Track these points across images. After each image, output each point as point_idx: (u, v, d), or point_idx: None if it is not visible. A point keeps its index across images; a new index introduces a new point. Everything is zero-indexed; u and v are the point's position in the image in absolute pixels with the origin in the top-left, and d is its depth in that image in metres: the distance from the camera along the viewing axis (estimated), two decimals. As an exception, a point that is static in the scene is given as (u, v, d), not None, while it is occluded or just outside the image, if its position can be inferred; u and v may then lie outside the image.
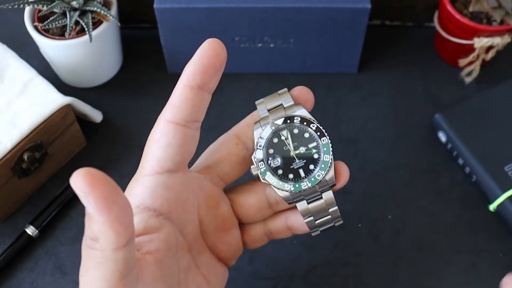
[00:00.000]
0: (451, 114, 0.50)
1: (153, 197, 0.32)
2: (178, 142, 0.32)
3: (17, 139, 0.44)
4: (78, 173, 0.23)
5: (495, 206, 0.46)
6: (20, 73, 0.48)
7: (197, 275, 0.34)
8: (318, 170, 0.34)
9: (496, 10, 0.50)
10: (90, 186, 0.23)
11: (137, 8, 0.57)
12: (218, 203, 0.35)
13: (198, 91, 0.32)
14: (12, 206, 0.47)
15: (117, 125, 0.52)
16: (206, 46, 0.31)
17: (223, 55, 0.32)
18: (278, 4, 0.49)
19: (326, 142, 0.34)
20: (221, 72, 0.32)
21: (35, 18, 0.50)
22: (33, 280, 0.44)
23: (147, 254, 0.30)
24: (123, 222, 0.25)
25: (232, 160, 0.36)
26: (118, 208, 0.25)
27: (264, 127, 0.35)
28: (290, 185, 0.34)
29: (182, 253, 0.33)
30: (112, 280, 0.26)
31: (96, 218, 0.25)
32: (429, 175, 0.49)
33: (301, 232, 0.37)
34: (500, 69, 0.56)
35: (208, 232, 0.35)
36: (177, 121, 0.32)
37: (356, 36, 0.52)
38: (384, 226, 0.47)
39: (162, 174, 0.32)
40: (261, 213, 0.36)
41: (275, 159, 0.35)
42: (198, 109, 0.32)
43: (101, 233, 0.25)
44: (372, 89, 0.55)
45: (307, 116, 0.35)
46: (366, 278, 0.44)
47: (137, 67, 0.56)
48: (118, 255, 0.26)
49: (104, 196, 0.24)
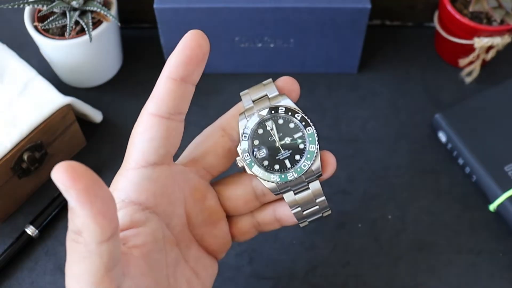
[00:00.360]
0: (451, 114, 0.50)
1: (138, 191, 0.31)
2: (162, 135, 0.32)
3: (17, 139, 0.44)
4: (59, 167, 0.23)
5: (495, 206, 0.46)
6: (20, 73, 0.48)
7: (185, 269, 0.34)
8: (304, 160, 0.34)
9: (496, 10, 0.50)
10: (71, 180, 0.23)
11: (137, 8, 0.57)
12: (204, 196, 0.35)
13: (181, 83, 0.31)
14: (12, 206, 0.47)
15: (117, 125, 0.52)
16: (188, 37, 0.31)
17: (206, 46, 0.31)
18: (278, 4, 0.49)
19: (312, 132, 0.34)
20: (204, 63, 0.32)
21: (35, 18, 0.50)
22: (33, 280, 0.44)
23: (133, 248, 0.30)
24: (106, 215, 0.25)
25: (218, 152, 0.35)
26: (100, 201, 0.24)
27: (249, 118, 0.35)
28: (276, 176, 0.34)
29: (169, 247, 0.32)
30: (98, 273, 0.26)
31: (78, 211, 0.24)
32: (429, 175, 0.49)
33: (290, 223, 0.36)
34: (500, 69, 0.56)
35: (196, 225, 0.35)
36: (161, 114, 0.32)
37: (356, 36, 0.52)
38: (384, 226, 0.47)
39: (147, 167, 0.32)
40: (248, 205, 0.36)
41: (260, 150, 0.34)
42: (182, 101, 0.32)
43: (84, 227, 0.25)
44: (372, 89, 0.55)
45: (292, 106, 0.34)
46: (366, 278, 0.44)
47: (137, 67, 0.56)
48: (102, 249, 0.26)
49: (86, 189, 0.24)
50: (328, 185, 0.38)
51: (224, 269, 0.44)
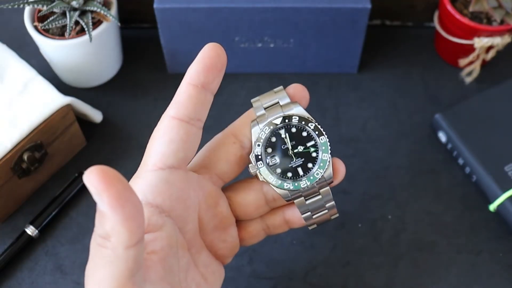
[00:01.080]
0: (451, 114, 0.50)
1: (154, 193, 0.32)
2: (181, 138, 0.32)
3: (17, 139, 0.44)
4: (92, 170, 0.24)
5: (495, 206, 0.46)
6: (20, 73, 0.48)
7: (195, 274, 0.34)
8: (317, 168, 0.34)
9: (496, 10, 0.50)
10: (104, 184, 0.24)
11: (137, 8, 0.57)
12: (217, 202, 0.35)
13: (201, 89, 0.32)
14: (12, 206, 0.47)
15: (117, 125, 0.52)
16: (207, 48, 0.32)
17: (224, 57, 0.33)
18: (278, 4, 0.49)
19: (325, 141, 0.35)
20: (222, 73, 0.33)
21: (35, 18, 0.50)
22: (33, 280, 0.44)
23: (152, 254, 0.30)
24: (135, 220, 0.25)
25: (230, 159, 0.36)
26: (131, 206, 0.25)
27: (261, 125, 0.35)
28: (289, 184, 0.34)
29: (182, 252, 0.33)
30: (122, 279, 0.26)
31: (109, 216, 0.25)
32: (429, 175, 0.49)
33: (299, 225, 0.37)
34: (500, 69, 0.56)
35: (207, 230, 0.35)
36: (181, 117, 0.32)
37: (356, 36, 0.52)
38: (384, 226, 0.47)
39: (164, 170, 0.32)
40: (258, 210, 0.37)
41: (273, 157, 0.35)
42: (201, 108, 0.33)
43: (113, 231, 0.25)
44: (372, 89, 0.55)
45: (305, 115, 0.35)
46: (366, 278, 0.44)
47: (137, 67, 0.56)
48: (129, 254, 0.26)
49: (118, 194, 0.24)
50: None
51: (224, 269, 0.44)
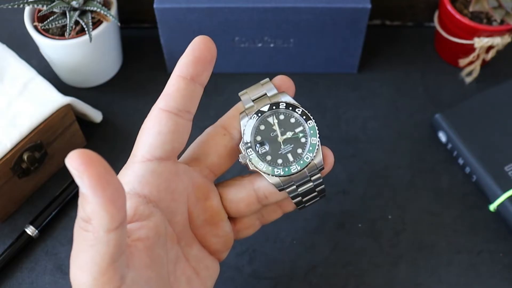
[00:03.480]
0: (451, 114, 0.50)
1: (142, 183, 0.32)
2: (169, 130, 0.32)
3: (17, 139, 0.44)
4: (74, 153, 0.24)
5: (495, 206, 0.46)
6: (20, 73, 0.48)
7: (186, 268, 0.34)
8: (306, 153, 0.35)
9: (496, 10, 0.50)
10: (85, 165, 0.24)
11: (137, 8, 0.57)
12: (207, 195, 0.35)
13: (190, 81, 0.33)
14: (12, 206, 0.47)
15: (117, 125, 0.52)
16: (197, 40, 0.33)
17: (213, 49, 0.33)
18: (278, 4, 0.49)
19: (313, 125, 0.35)
20: (212, 65, 0.33)
21: (35, 18, 0.50)
22: (33, 280, 0.44)
23: (137, 241, 0.30)
24: (116, 203, 0.25)
25: (220, 151, 0.36)
26: (112, 189, 0.25)
27: (250, 115, 0.35)
28: (280, 170, 0.34)
29: (170, 243, 0.33)
30: (103, 262, 0.26)
31: (90, 198, 0.25)
32: (429, 175, 0.49)
33: (290, 208, 0.38)
34: (500, 69, 0.56)
35: (197, 224, 0.35)
36: (169, 109, 0.32)
37: (356, 36, 0.52)
38: (384, 226, 0.47)
39: (152, 161, 0.32)
40: (250, 208, 0.37)
41: (263, 145, 0.35)
42: (190, 100, 0.33)
43: (94, 214, 0.25)
44: (372, 89, 0.55)
45: (292, 102, 0.35)
46: (366, 278, 0.44)
47: (137, 67, 0.56)
48: (110, 237, 0.26)
49: (99, 176, 0.24)
50: (328, 185, 0.38)
51: (224, 269, 0.44)
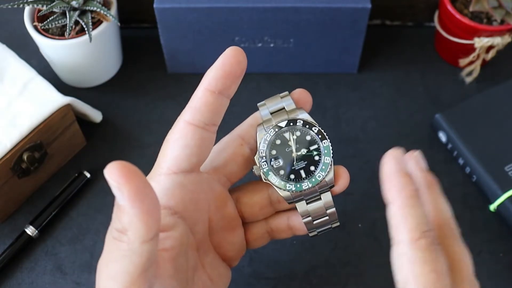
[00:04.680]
0: (451, 114, 0.50)
1: (168, 196, 0.32)
2: (195, 143, 0.32)
3: (17, 139, 0.44)
4: (113, 165, 0.24)
5: (495, 206, 0.46)
6: (20, 73, 0.48)
7: (202, 275, 0.35)
8: (319, 171, 0.35)
9: (497, 10, 0.50)
10: (124, 178, 0.24)
11: (137, 8, 0.57)
12: (225, 203, 0.36)
13: (218, 95, 0.32)
14: (12, 206, 0.47)
15: (116, 125, 0.52)
16: (228, 53, 0.32)
17: (244, 63, 0.32)
18: (278, 4, 0.49)
19: (327, 145, 0.36)
20: (241, 78, 0.33)
21: (35, 18, 0.50)
22: (33, 280, 0.44)
23: (163, 251, 0.30)
24: (153, 215, 0.26)
25: (238, 161, 0.36)
26: (149, 201, 0.25)
27: (267, 129, 0.36)
28: (292, 185, 0.35)
29: (191, 252, 0.33)
30: (135, 273, 0.26)
31: (127, 210, 0.25)
32: (429, 175, 0.49)
33: (302, 232, 0.38)
34: (500, 69, 0.56)
35: (216, 231, 0.36)
36: (196, 123, 0.32)
37: (356, 36, 0.52)
38: (384, 226, 0.46)
39: (178, 174, 0.33)
40: (263, 211, 0.37)
41: (277, 160, 0.36)
42: (217, 113, 0.33)
43: (131, 225, 0.26)
44: (372, 89, 0.55)
45: (309, 120, 0.36)
46: (366, 278, 0.44)
47: (137, 67, 0.56)
48: (144, 248, 0.26)
49: (138, 188, 0.25)
50: (328, 185, 0.39)
51: (225, 269, 0.44)
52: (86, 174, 0.48)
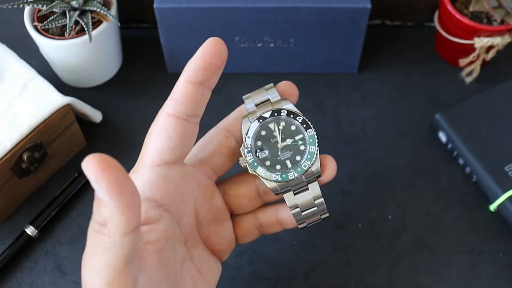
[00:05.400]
0: (451, 114, 0.50)
1: (152, 188, 0.32)
2: (178, 135, 0.32)
3: (17, 139, 0.44)
4: (91, 157, 0.24)
5: (495, 206, 0.46)
6: (20, 73, 0.48)
7: (191, 268, 0.34)
8: (305, 160, 0.35)
9: (497, 10, 0.50)
10: (102, 170, 0.24)
11: (137, 8, 0.57)
12: (212, 195, 0.36)
13: (199, 86, 0.32)
14: (12, 206, 0.47)
15: (116, 125, 0.52)
16: (208, 44, 0.32)
17: (225, 54, 0.32)
18: (278, 4, 0.49)
19: (312, 134, 0.35)
20: (221, 69, 0.33)
21: (35, 18, 0.50)
22: (33, 280, 0.44)
23: (148, 244, 0.30)
24: (132, 207, 0.26)
25: (223, 153, 0.36)
26: (128, 193, 0.25)
27: (252, 120, 0.36)
28: (278, 176, 0.35)
29: (178, 245, 0.33)
30: (118, 265, 0.26)
31: (106, 202, 0.25)
32: (429, 175, 0.49)
33: (291, 226, 0.37)
34: (500, 69, 0.56)
35: (203, 224, 0.36)
36: (178, 114, 0.32)
37: (356, 36, 0.52)
38: (384, 226, 0.47)
39: (162, 166, 0.32)
40: (251, 203, 0.37)
41: (262, 151, 0.36)
42: (199, 104, 0.33)
43: (111, 218, 0.26)
44: (372, 89, 0.55)
45: (294, 110, 0.36)
46: (366, 278, 0.44)
47: (137, 67, 0.56)
48: (125, 240, 0.26)
49: (116, 180, 0.24)
50: (328, 185, 0.38)
51: (224, 269, 0.43)
52: (86, 174, 0.48)
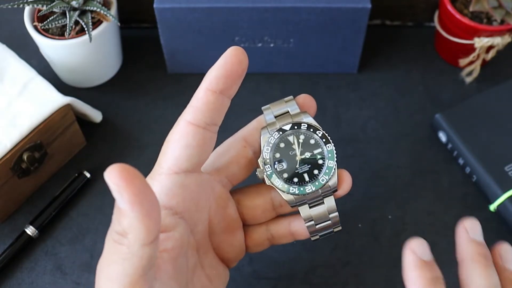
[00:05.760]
0: (451, 114, 0.50)
1: (169, 196, 0.32)
2: (196, 143, 0.32)
3: (17, 139, 0.44)
4: (113, 167, 0.24)
5: (495, 206, 0.46)
6: (20, 73, 0.47)
7: (201, 275, 0.35)
8: (322, 175, 0.35)
9: (497, 10, 0.50)
10: (124, 181, 0.24)
11: (137, 8, 0.57)
12: (226, 204, 0.36)
13: (219, 95, 0.32)
14: (12, 206, 0.47)
15: (116, 125, 0.52)
16: (229, 52, 0.32)
17: (245, 63, 0.32)
18: (278, 4, 0.49)
19: (331, 149, 0.36)
20: (242, 78, 0.33)
21: (35, 18, 0.50)
22: (33, 280, 0.44)
23: (164, 252, 0.30)
24: (153, 218, 0.26)
25: (240, 163, 0.36)
26: (149, 204, 0.25)
27: (271, 132, 0.36)
28: (295, 189, 0.35)
29: (191, 252, 0.33)
30: (134, 275, 0.26)
31: (127, 213, 0.25)
32: (429, 175, 0.49)
33: (303, 237, 0.38)
34: (500, 69, 0.56)
35: (216, 232, 0.36)
36: (198, 123, 0.32)
37: (356, 36, 0.52)
38: (384, 226, 0.47)
39: (179, 174, 0.32)
40: (265, 215, 0.37)
41: (281, 163, 0.36)
42: (218, 113, 0.33)
43: (131, 228, 0.26)
44: (372, 89, 0.55)
45: (314, 123, 0.36)
46: (366, 278, 0.44)
47: (137, 67, 0.56)
48: (144, 251, 0.26)
49: (138, 191, 0.24)
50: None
51: (224, 269, 0.44)
52: (86, 174, 0.48)
